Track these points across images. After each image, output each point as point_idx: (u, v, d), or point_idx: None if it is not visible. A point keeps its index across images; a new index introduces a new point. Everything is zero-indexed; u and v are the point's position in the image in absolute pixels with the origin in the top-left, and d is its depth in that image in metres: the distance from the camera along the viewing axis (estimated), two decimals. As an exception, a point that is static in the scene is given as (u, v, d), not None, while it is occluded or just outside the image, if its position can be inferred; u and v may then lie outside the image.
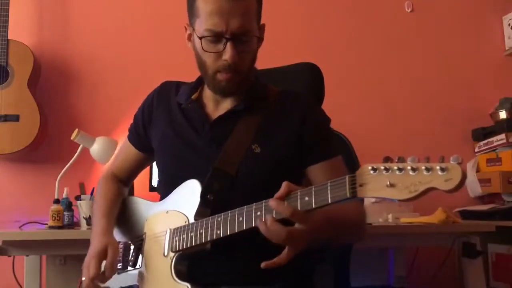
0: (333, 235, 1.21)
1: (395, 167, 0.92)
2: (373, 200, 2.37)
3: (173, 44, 2.80)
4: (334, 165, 1.35)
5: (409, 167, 0.91)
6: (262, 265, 1.12)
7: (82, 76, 2.77)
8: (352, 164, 1.71)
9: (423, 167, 0.90)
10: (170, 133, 1.41)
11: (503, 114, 2.87)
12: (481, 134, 2.92)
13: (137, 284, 1.33)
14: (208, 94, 1.42)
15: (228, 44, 1.26)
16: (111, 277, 1.29)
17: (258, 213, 1.12)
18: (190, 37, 1.36)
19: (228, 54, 1.26)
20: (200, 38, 1.28)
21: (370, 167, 0.95)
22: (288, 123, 1.36)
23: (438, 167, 0.88)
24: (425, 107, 2.99)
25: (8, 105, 2.45)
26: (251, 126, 1.35)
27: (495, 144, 2.82)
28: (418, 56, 3.04)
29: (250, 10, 1.28)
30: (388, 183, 0.92)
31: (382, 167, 0.94)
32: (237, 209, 1.16)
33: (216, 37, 1.27)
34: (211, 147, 1.34)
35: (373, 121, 2.93)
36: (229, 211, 1.18)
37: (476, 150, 2.95)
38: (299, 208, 1.06)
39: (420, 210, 2.42)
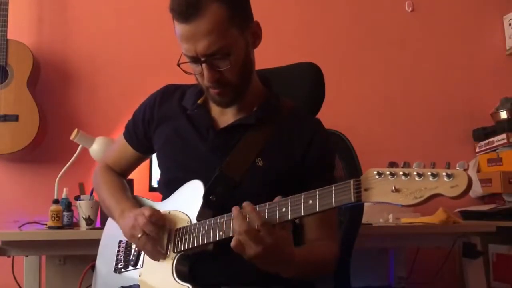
0: (284, 270, 1.18)
1: (401, 172, 0.91)
2: (374, 200, 2.37)
3: (173, 44, 2.79)
4: None
5: (415, 173, 0.90)
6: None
7: (82, 76, 2.76)
8: (352, 164, 1.70)
9: (429, 173, 0.89)
10: (175, 138, 1.41)
11: (504, 114, 2.87)
12: (482, 134, 2.92)
13: (138, 284, 1.32)
14: None
15: (203, 66, 1.25)
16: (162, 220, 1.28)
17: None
18: None
19: (205, 76, 1.26)
20: (179, 64, 1.28)
21: (375, 172, 0.95)
22: (295, 143, 1.35)
23: (444, 173, 0.87)
24: (426, 107, 2.99)
25: (7, 105, 2.44)
26: (258, 140, 1.34)
27: (496, 144, 2.82)
28: (419, 55, 3.04)
29: (217, 24, 1.21)
30: (393, 188, 0.91)
31: (388, 172, 0.93)
32: None
33: (192, 60, 1.26)
34: (215, 154, 1.34)
35: (374, 121, 2.93)
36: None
37: (477, 150, 2.95)
38: (302, 212, 1.06)
39: (420, 210, 2.41)
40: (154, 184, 2.42)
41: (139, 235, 1.26)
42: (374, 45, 3.00)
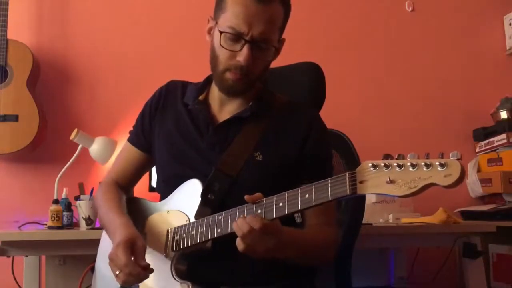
0: (290, 255, 1.20)
1: (395, 164, 0.93)
2: (374, 200, 2.37)
3: (173, 44, 2.80)
4: None
5: (408, 164, 0.91)
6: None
7: (82, 76, 2.76)
8: (353, 163, 1.70)
9: (423, 163, 0.90)
10: (175, 133, 1.42)
11: (504, 114, 2.86)
12: (482, 134, 2.92)
13: (138, 284, 1.32)
14: (214, 95, 1.42)
15: (246, 46, 1.27)
16: (146, 268, 1.21)
17: (259, 211, 1.13)
18: (210, 31, 1.37)
19: (243, 56, 1.27)
20: (221, 32, 1.29)
21: (370, 164, 0.96)
22: (292, 135, 1.37)
23: (437, 163, 0.89)
24: (426, 107, 2.99)
25: (7, 105, 2.44)
26: (254, 134, 1.35)
27: (496, 144, 2.82)
28: (419, 55, 3.04)
29: (276, 20, 1.31)
30: (388, 179, 0.93)
31: (382, 164, 0.94)
32: (237, 207, 1.16)
33: (236, 36, 1.28)
34: (213, 150, 1.35)
35: (374, 121, 2.93)
36: (230, 210, 1.18)
37: (477, 150, 2.95)
38: (299, 206, 1.06)
39: (421, 210, 2.41)
40: (154, 184, 2.41)
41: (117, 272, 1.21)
42: (375, 45, 3.00)
